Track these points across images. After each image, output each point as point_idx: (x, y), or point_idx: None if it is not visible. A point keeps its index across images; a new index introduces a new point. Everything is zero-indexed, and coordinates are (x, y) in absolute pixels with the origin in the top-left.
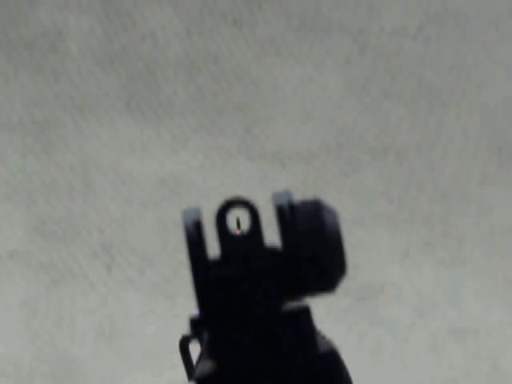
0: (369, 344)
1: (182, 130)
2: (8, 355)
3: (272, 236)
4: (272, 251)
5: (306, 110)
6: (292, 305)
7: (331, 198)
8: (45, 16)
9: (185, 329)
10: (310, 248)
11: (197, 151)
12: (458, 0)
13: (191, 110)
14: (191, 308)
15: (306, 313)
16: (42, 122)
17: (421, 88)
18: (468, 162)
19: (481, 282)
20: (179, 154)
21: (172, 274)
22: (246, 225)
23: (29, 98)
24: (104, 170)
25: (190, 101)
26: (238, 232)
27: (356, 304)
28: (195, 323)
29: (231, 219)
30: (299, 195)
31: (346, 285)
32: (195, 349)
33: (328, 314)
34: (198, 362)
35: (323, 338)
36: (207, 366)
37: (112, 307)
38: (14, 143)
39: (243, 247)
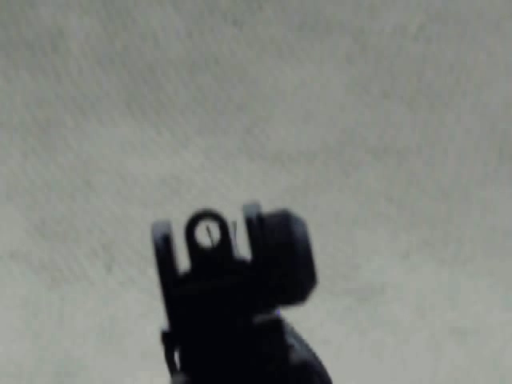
0: (369, 344)
1: (182, 130)
2: (9, 355)
3: None
4: (242, 263)
5: (306, 110)
6: (263, 317)
7: (332, 198)
8: (46, 16)
9: None
10: (280, 259)
11: (198, 151)
12: (459, 0)
13: (192, 110)
14: None
15: (277, 325)
16: (42, 121)
17: (421, 88)
18: (469, 162)
19: (481, 282)
20: (180, 154)
21: None
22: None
23: (30, 97)
24: (105, 170)
25: (190, 101)
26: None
27: (356, 304)
28: (166, 337)
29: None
30: (300, 195)
31: (346, 285)
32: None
33: (328, 315)
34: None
35: (298, 348)
36: (179, 380)
37: (112, 307)
38: (14, 143)
39: (213, 260)
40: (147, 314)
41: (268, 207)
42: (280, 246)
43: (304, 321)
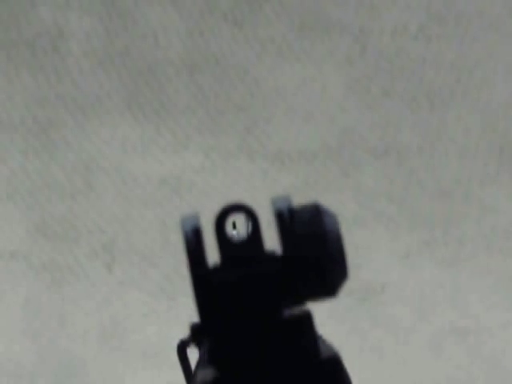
0: (370, 344)
1: (183, 130)
2: (10, 355)
3: (274, 239)
4: (272, 256)
5: (307, 110)
6: (293, 310)
7: (332, 198)
8: (46, 15)
9: (186, 329)
10: (311, 253)
11: (198, 151)
12: (459, 0)
13: (192, 110)
14: (192, 308)
15: (307, 318)
16: (43, 121)
17: (422, 88)
18: (469, 162)
19: (482, 282)
20: (180, 154)
21: (173, 274)
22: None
23: (30, 97)
24: (105, 170)
25: (191, 101)
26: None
27: (357, 304)
28: (196, 330)
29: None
30: (300, 195)
31: (347, 285)
32: (193, 353)
33: (329, 314)
34: (197, 368)
35: (325, 342)
36: (208, 373)
37: (113, 307)
38: (15, 143)
39: (243, 253)
40: (148, 314)
41: (268, 207)
42: (311, 239)
43: None
